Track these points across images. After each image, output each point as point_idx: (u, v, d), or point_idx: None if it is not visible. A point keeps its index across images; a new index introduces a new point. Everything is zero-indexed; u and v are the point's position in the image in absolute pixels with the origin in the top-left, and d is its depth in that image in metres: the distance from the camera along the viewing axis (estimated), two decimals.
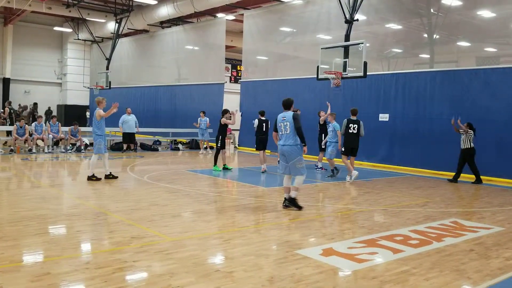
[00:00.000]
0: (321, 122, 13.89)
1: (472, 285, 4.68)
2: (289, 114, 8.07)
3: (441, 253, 5.71)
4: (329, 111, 13.83)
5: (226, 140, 22.70)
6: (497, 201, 9.77)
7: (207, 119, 18.92)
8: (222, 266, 5.05)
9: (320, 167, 14.27)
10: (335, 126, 12.50)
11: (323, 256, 5.43)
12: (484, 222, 7.66)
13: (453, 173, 12.71)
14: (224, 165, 13.45)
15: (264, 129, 13.63)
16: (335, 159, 12.94)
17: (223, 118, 13.17)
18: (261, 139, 13.60)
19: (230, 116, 13.00)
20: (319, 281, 4.58)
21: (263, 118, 13.74)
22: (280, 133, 8.11)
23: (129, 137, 18.48)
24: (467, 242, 6.28)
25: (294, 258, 5.29)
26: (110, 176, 10.88)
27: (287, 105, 8.25)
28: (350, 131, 11.93)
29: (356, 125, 11.92)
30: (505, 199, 10.06)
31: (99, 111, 10.60)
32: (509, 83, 13.07)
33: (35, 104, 28.43)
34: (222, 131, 13.25)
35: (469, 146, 12.31)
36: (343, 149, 12.17)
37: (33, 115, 25.93)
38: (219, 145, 13.20)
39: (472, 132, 12.34)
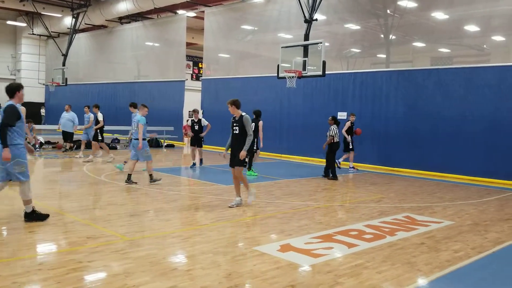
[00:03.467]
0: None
1: (422, 277, 4.88)
2: (5, 105, 6.27)
3: (394, 247, 5.91)
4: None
5: (188, 139, 22.71)
6: (448, 196, 10.18)
7: (91, 115, 15.99)
8: (180, 264, 5.05)
9: (352, 167, 14.48)
10: (140, 120, 10.27)
11: (280, 252, 5.51)
12: (435, 216, 7.97)
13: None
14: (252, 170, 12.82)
15: (197, 128, 13.90)
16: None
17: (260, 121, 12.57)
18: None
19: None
20: (275, 277, 4.65)
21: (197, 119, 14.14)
22: None
23: (65, 136, 17.22)
24: (419, 236, 6.53)
25: (252, 255, 5.35)
26: None
27: (8, 91, 6.35)
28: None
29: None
30: (456, 194, 10.50)
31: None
32: (460, 82, 13.62)
33: None
34: (256, 134, 12.36)
35: (336, 140, 12.53)
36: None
37: None
38: (254, 147, 12.53)
39: (336, 126, 12.59)
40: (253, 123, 12.29)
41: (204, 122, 13.72)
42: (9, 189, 9.31)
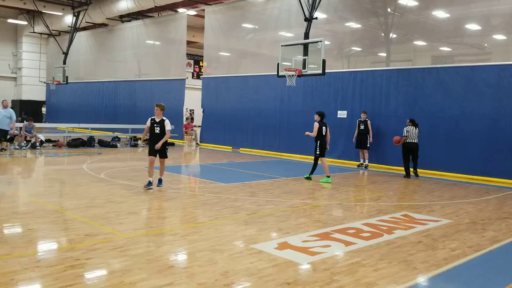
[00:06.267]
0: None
1: (418, 275, 4.89)
2: None
3: (391, 245, 5.93)
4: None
5: (188, 137, 22.76)
6: (447, 195, 10.19)
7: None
8: (176, 262, 5.07)
9: (361, 163, 14.98)
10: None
11: (277, 249, 5.53)
12: (433, 215, 7.98)
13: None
14: (310, 176, 11.70)
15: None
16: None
17: (316, 123, 11.55)
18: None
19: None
20: (272, 274, 4.67)
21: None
22: None
23: (1, 134, 15.70)
24: (416, 234, 6.54)
25: (249, 253, 5.37)
26: None
27: None
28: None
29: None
30: (455, 193, 10.51)
31: None
32: (460, 81, 13.61)
33: None
34: (320, 137, 11.56)
35: (414, 141, 12.84)
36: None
37: None
38: (317, 152, 11.60)
39: (414, 127, 12.85)
40: (324, 127, 11.60)
41: (168, 124, 9.60)
42: (5, 187, 9.34)
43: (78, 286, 4.20)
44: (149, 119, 9.66)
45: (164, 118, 9.60)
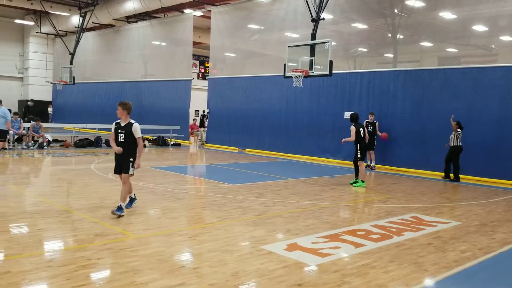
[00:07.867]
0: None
1: (429, 277, 4.87)
2: None
3: (401, 247, 5.91)
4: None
5: (194, 138, 22.79)
6: (455, 197, 10.16)
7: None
8: (187, 262, 5.08)
9: (368, 164, 14.84)
10: None
11: (287, 251, 5.53)
12: (442, 217, 7.96)
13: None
14: (357, 180, 11.20)
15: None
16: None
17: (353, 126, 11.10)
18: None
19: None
20: (282, 275, 4.67)
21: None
22: None
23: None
24: (426, 236, 6.52)
25: (259, 254, 5.37)
26: None
27: None
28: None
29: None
30: (463, 195, 10.47)
31: None
32: (468, 82, 13.55)
33: None
34: (359, 139, 11.07)
35: (456, 144, 12.70)
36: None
37: None
38: (359, 155, 11.11)
39: (460, 131, 12.68)
40: (361, 128, 11.16)
41: (137, 131, 7.35)
42: (14, 186, 9.39)
43: (90, 286, 4.22)
44: (114, 122, 7.41)
45: (132, 121, 7.35)
